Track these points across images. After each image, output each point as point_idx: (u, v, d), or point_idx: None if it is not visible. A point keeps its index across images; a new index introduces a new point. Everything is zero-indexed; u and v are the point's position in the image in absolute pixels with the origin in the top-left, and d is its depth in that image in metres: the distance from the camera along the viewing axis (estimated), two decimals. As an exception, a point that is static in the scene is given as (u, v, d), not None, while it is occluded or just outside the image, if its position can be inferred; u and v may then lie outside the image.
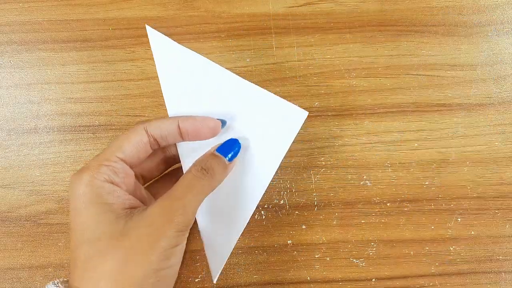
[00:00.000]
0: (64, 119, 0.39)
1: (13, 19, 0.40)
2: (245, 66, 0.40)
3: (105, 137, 0.39)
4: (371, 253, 0.38)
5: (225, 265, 0.38)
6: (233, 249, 0.37)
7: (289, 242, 0.38)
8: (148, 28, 0.28)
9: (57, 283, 0.26)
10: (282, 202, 0.39)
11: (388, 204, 0.39)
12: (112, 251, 0.24)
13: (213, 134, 0.30)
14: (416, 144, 0.39)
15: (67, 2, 0.41)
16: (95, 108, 0.39)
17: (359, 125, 0.39)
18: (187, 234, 0.26)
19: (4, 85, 0.40)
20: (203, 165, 0.27)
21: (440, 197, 0.39)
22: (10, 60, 0.40)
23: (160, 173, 0.33)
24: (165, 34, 0.41)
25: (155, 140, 0.29)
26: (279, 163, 0.30)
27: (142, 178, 0.32)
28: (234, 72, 0.40)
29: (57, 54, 0.40)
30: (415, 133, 0.39)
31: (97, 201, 0.25)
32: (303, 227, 0.38)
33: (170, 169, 0.34)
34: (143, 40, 0.40)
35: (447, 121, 0.40)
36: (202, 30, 0.40)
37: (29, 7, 0.40)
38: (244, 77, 0.40)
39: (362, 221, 0.38)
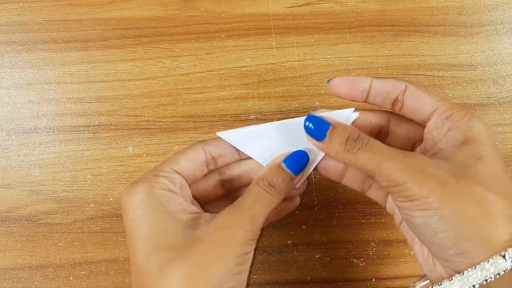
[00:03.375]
0: (64, 119, 0.39)
1: (13, 19, 0.40)
2: (245, 66, 0.40)
3: (105, 137, 0.39)
4: (371, 253, 0.38)
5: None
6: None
7: (289, 242, 0.38)
8: (220, 134, 0.29)
9: None
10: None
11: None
12: (187, 257, 0.24)
13: None
14: (416, 144, 0.39)
15: (67, 2, 0.41)
16: (95, 108, 0.39)
17: (359, 125, 0.39)
18: (255, 243, 0.26)
19: (4, 85, 0.40)
20: (270, 181, 0.27)
21: (440, 197, 0.39)
22: (10, 60, 0.40)
23: (215, 197, 0.32)
24: (165, 34, 0.41)
25: (212, 158, 0.29)
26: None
27: (197, 201, 0.31)
28: (234, 72, 0.40)
29: (57, 54, 0.40)
30: (415, 133, 0.39)
31: (160, 209, 0.25)
32: (303, 227, 0.38)
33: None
34: (143, 40, 0.40)
35: (447, 121, 0.40)
36: (202, 30, 0.40)
37: (29, 7, 0.40)
38: (244, 77, 0.40)
39: (362, 221, 0.38)
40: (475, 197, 0.23)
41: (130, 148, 0.39)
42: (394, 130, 0.30)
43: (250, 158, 0.30)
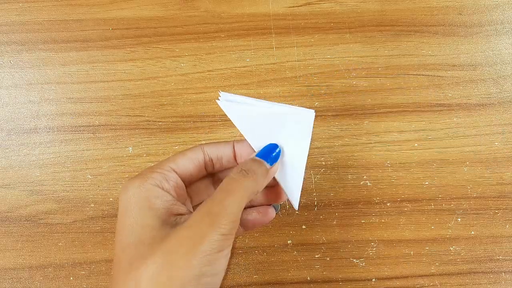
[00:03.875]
0: (64, 119, 0.39)
1: (13, 19, 0.40)
2: (245, 66, 0.40)
3: (105, 137, 0.39)
4: (371, 253, 0.38)
5: (225, 265, 0.38)
6: (233, 248, 0.37)
7: (289, 242, 0.38)
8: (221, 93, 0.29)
9: None
10: (282, 202, 0.38)
11: (388, 204, 0.39)
12: (153, 255, 0.23)
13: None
14: (416, 144, 0.39)
15: (67, 2, 0.41)
16: (95, 108, 0.39)
17: (359, 125, 0.39)
18: (232, 240, 0.25)
19: (4, 85, 0.40)
20: (243, 167, 0.27)
21: (440, 197, 0.39)
22: (10, 60, 0.40)
23: (207, 197, 0.33)
24: (165, 34, 0.41)
25: (210, 160, 0.29)
26: (304, 166, 0.30)
27: (191, 200, 0.32)
28: (234, 72, 0.40)
29: (57, 54, 0.40)
30: (415, 133, 0.39)
31: (144, 204, 0.25)
32: (303, 227, 0.38)
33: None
34: (143, 40, 0.40)
35: (447, 121, 0.40)
36: (202, 30, 0.40)
37: (29, 7, 0.40)
38: (244, 77, 0.40)
39: (362, 221, 0.38)
40: None
41: (130, 148, 0.39)
42: None
43: None
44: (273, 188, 0.31)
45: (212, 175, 0.32)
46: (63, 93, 0.40)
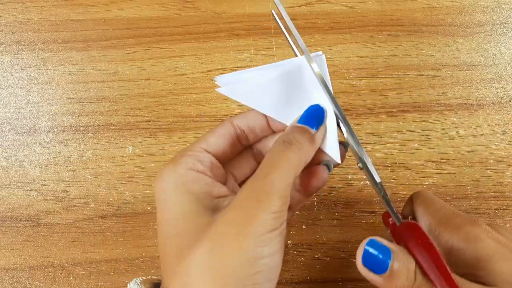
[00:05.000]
0: (64, 119, 0.39)
1: (13, 19, 0.40)
2: (245, 66, 0.40)
3: (105, 137, 0.39)
4: (371, 253, 0.38)
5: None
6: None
7: (289, 242, 0.38)
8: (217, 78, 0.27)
9: (139, 283, 0.25)
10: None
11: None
12: (200, 242, 0.21)
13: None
14: (416, 144, 0.39)
15: (67, 2, 0.41)
16: (95, 108, 0.39)
17: (359, 125, 0.39)
18: (285, 218, 0.22)
19: (4, 85, 0.40)
20: (285, 138, 0.24)
21: (440, 197, 0.39)
22: (10, 60, 0.40)
23: (252, 173, 0.29)
24: (165, 34, 0.41)
25: (242, 132, 0.27)
26: (334, 114, 0.27)
27: (235, 179, 0.29)
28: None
29: (57, 54, 0.40)
30: (415, 133, 0.39)
31: (182, 190, 0.23)
32: (303, 227, 0.38)
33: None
34: (143, 40, 0.40)
35: (447, 121, 0.40)
36: (202, 30, 0.40)
37: (29, 7, 0.40)
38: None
39: (362, 221, 0.38)
40: None
41: (130, 148, 0.39)
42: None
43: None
44: None
45: (250, 147, 0.29)
46: (63, 93, 0.40)
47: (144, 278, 0.25)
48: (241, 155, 0.29)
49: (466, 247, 0.23)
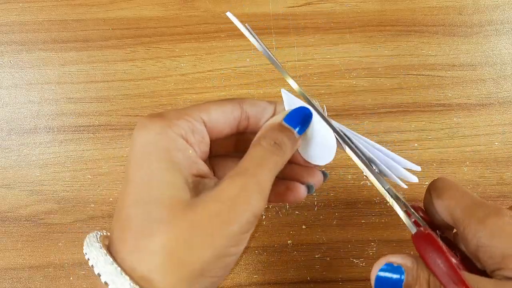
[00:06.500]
0: (64, 119, 0.39)
1: (13, 19, 0.40)
2: (245, 66, 0.40)
3: (105, 137, 0.39)
4: (371, 253, 0.38)
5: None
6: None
7: (289, 242, 0.38)
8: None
9: (98, 238, 0.22)
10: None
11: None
12: (173, 224, 0.20)
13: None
14: (416, 144, 0.39)
15: (67, 2, 0.41)
16: (95, 108, 0.39)
17: (359, 125, 0.39)
18: (256, 223, 0.22)
19: (4, 85, 0.40)
20: (275, 139, 0.23)
21: (440, 197, 0.39)
22: (10, 60, 0.40)
23: (224, 154, 0.28)
24: (165, 34, 0.41)
25: (247, 118, 0.25)
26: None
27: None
28: (234, 72, 0.40)
29: (57, 54, 0.40)
30: (415, 133, 0.39)
31: (165, 156, 0.21)
32: (303, 227, 0.38)
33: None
34: (143, 40, 0.40)
35: (447, 121, 0.40)
36: (202, 30, 0.40)
37: (29, 7, 0.40)
38: (244, 77, 0.40)
39: (362, 221, 0.38)
40: None
41: (130, 148, 0.39)
42: None
43: None
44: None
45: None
46: (63, 93, 0.40)
47: (104, 234, 0.23)
48: (229, 157, 0.27)
49: (491, 244, 0.22)
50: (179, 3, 0.41)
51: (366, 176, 0.25)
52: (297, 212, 0.38)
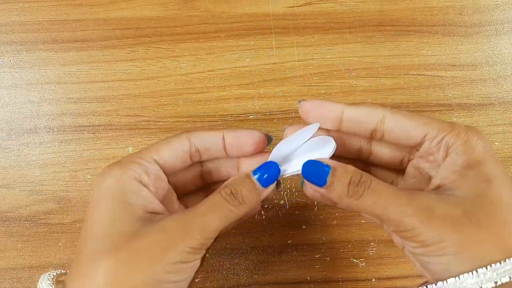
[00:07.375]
0: (64, 119, 0.39)
1: (13, 19, 0.40)
2: (245, 66, 0.40)
3: (105, 137, 0.39)
4: (371, 253, 0.38)
5: (226, 264, 0.38)
6: (233, 249, 0.37)
7: (289, 242, 0.38)
8: None
9: (52, 278, 0.24)
10: (282, 202, 0.39)
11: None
12: (117, 251, 0.22)
13: (257, 148, 0.28)
14: (416, 144, 0.39)
15: (67, 2, 0.41)
16: (95, 108, 0.39)
17: (359, 125, 0.39)
18: (202, 255, 0.24)
19: (4, 85, 0.40)
20: (233, 189, 0.25)
21: (440, 197, 0.39)
22: (10, 60, 0.40)
23: (195, 189, 0.31)
24: (165, 34, 0.41)
25: (197, 151, 0.27)
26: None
27: (175, 190, 0.30)
28: (234, 72, 0.40)
29: (57, 54, 0.40)
30: (415, 133, 0.39)
31: (119, 197, 0.24)
32: (303, 227, 0.38)
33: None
34: (143, 40, 0.40)
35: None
36: (202, 30, 0.40)
37: (29, 7, 0.40)
38: (244, 77, 0.40)
39: (362, 221, 0.38)
40: (493, 236, 0.21)
41: (130, 148, 0.39)
42: (377, 149, 0.28)
43: (236, 158, 0.28)
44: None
45: (200, 163, 0.30)
46: (63, 93, 0.40)
47: (59, 272, 0.25)
48: (189, 169, 0.29)
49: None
50: (179, 3, 0.41)
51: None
52: (297, 212, 0.38)
